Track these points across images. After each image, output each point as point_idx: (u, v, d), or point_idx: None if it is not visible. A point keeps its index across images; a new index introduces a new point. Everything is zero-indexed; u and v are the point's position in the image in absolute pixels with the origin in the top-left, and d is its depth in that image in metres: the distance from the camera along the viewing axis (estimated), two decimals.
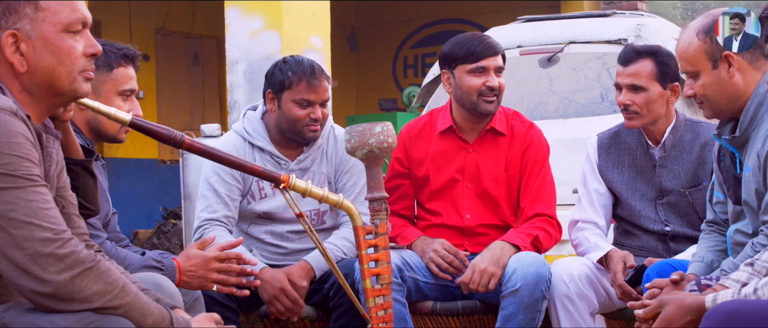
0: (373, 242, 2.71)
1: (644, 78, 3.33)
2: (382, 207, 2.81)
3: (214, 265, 2.84)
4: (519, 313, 3.18)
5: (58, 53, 2.04)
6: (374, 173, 2.84)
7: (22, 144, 1.90)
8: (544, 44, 5.56)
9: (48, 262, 1.87)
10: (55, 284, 1.87)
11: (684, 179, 3.39)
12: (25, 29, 2.01)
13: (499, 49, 3.47)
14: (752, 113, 2.69)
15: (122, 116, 2.30)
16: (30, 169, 1.90)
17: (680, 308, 2.37)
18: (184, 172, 7.24)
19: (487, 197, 3.50)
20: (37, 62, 2.02)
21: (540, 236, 3.38)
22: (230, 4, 6.79)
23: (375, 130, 2.84)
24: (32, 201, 1.88)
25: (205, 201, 3.40)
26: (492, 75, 3.41)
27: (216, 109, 11.42)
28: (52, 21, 2.03)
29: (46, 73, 2.04)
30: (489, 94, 3.41)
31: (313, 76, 3.34)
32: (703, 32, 2.71)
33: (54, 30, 2.03)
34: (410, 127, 3.63)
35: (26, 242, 1.86)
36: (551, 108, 5.28)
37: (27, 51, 2.02)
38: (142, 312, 1.97)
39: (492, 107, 3.43)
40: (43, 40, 2.02)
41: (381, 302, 2.74)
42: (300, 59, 3.40)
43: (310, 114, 3.36)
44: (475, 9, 12.00)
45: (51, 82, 2.05)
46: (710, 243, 2.94)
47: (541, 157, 3.51)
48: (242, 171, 2.56)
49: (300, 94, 3.34)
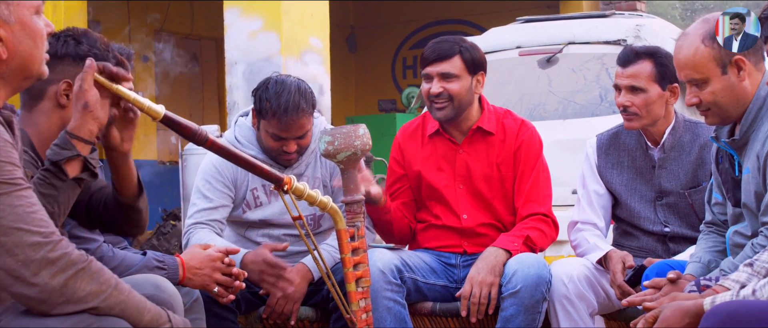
0: (354, 244, 2.71)
1: (643, 79, 3.33)
2: (361, 210, 2.81)
3: (219, 265, 2.84)
4: (519, 314, 3.18)
5: (34, 36, 2.01)
6: (352, 176, 2.85)
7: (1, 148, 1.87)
8: (543, 45, 5.57)
9: (40, 267, 1.84)
10: (49, 288, 1.85)
11: (683, 179, 3.39)
12: (2, 15, 1.97)
13: (448, 54, 3.38)
14: (753, 116, 2.68)
15: (156, 109, 2.25)
16: (12, 172, 1.86)
17: (678, 311, 2.36)
18: (183, 173, 7.25)
19: (480, 197, 3.49)
20: (17, 47, 1.99)
21: (532, 235, 3.37)
22: (229, 5, 6.79)
23: (359, 132, 2.84)
24: (18, 206, 1.84)
25: (194, 207, 3.41)
26: (434, 82, 3.38)
27: (215, 110, 11.42)
28: (26, 4, 2.00)
29: (24, 58, 2.00)
30: (435, 99, 3.38)
31: (285, 115, 3.25)
32: (709, 38, 2.67)
33: (28, 13, 2.00)
34: (405, 128, 3.64)
35: (16, 248, 1.83)
36: (550, 109, 5.29)
37: (6, 36, 1.97)
38: (138, 310, 1.95)
39: (441, 114, 3.39)
40: (21, 24, 1.99)
41: (363, 305, 2.75)
42: (282, 89, 3.28)
43: (282, 146, 3.34)
44: (474, 10, 12.00)
45: (27, 65, 2.02)
46: (709, 244, 2.94)
47: (534, 154, 3.49)
48: (251, 171, 2.51)
49: (272, 128, 3.31)
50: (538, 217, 3.42)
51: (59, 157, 2.16)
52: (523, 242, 3.33)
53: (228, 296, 2.84)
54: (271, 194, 3.45)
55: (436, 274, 3.45)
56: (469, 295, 3.22)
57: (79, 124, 2.17)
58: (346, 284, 2.73)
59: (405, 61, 12.88)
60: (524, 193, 3.45)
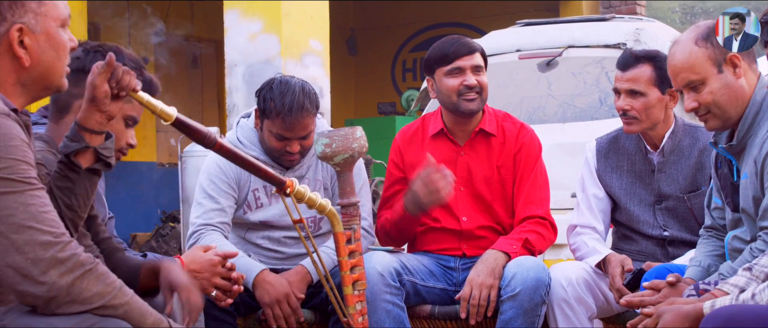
0: (351, 247, 2.71)
1: (643, 83, 3.33)
2: (357, 212, 2.81)
3: (219, 270, 2.84)
4: (518, 317, 3.18)
5: (58, 48, 2.06)
6: (348, 178, 2.85)
7: (18, 147, 1.90)
8: (543, 48, 5.57)
9: (49, 266, 1.86)
10: (57, 288, 1.86)
11: (682, 183, 3.39)
12: (30, 24, 2.02)
13: (476, 48, 3.46)
14: (750, 121, 2.69)
15: (169, 112, 2.26)
16: (27, 172, 1.90)
17: (678, 315, 2.37)
18: (182, 175, 7.25)
19: (481, 199, 3.50)
20: (40, 57, 2.04)
21: (530, 238, 3.37)
22: (229, 7, 6.79)
23: (356, 135, 2.85)
24: (31, 205, 1.87)
25: (201, 208, 3.40)
26: (468, 74, 3.41)
27: (215, 112, 11.42)
28: (53, 16, 2.05)
29: (46, 68, 2.05)
30: (468, 92, 3.40)
31: (290, 114, 3.26)
32: (701, 39, 2.70)
33: (55, 25, 2.06)
34: (404, 131, 3.64)
35: (26, 246, 1.85)
36: (550, 112, 5.29)
37: (31, 45, 2.02)
38: (141, 313, 1.97)
39: (474, 106, 3.42)
40: (46, 35, 2.04)
41: (360, 308, 2.75)
42: (287, 89, 3.29)
43: (285, 147, 3.34)
44: (474, 13, 12.01)
45: (47, 76, 2.06)
46: (708, 248, 2.94)
47: (533, 157, 3.50)
48: (255, 174, 2.51)
49: (276, 128, 3.31)
50: (536, 220, 3.43)
51: (69, 150, 2.21)
52: (522, 245, 3.34)
53: (226, 300, 2.84)
54: (271, 195, 3.45)
55: (434, 277, 3.45)
56: (468, 297, 3.22)
57: (86, 116, 2.22)
58: (343, 288, 2.73)
59: (405, 63, 12.88)
60: (523, 195, 3.45)
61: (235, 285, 2.86)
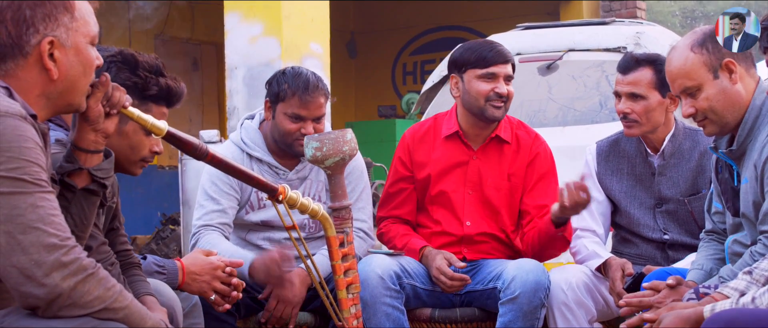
0: (344, 251, 2.71)
1: (643, 86, 3.34)
2: (349, 216, 2.81)
3: (219, 274, 2.84)
4: (517, 320, 3.18)
5: (85, 64, 2.07)
6: (339, 182, 2.84)
7: (31, 148, 1.90)
8: (543, 52, 5.57)
9: (52, 268, 1.86)
10: (58, 290, 1.86)
11: (683, 187, 3.39)
12: (61, 37, 2.02)
13: (510, 58, 3.49)
14: (750, 125, 2.69)
15: (160, 126, 2.25)
16: (39, 174, 1.90)
17: (678, 318, 2.37)
18: (182, 177, 7.23)
19: (488, 205, 3.50)
20: (68, 71, 2.04)
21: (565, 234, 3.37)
22: (230, 10, 6.79)
23: (347, 138, 2.84)
24: (40, 207, 1.87)
25: (202, 209, 3.41)
26: (501, 82, 3.42)
27: (215, 114, 11.42)
28: (84, 32, 2.06)
29: (71, 83, 2.06)
30: (497, 100, 3.41)
31: (306, 91, 3.31)
32: (697, 45, 2.71)
33: (84, 41, 2.07)
34: (414, 130, 3.63)
35: (32, 247, 1.85)
36: (550, 116, 5.29)
37: (60, 59, 2.03)
38: (141, 316, 1.98)
39: (499, 113, 3.44)
40: (76, 50, 2.05)
41: (354, 311, 2.75)
42: (299, 72, 3.37)
43: (300, 129, 3.34)
44: (474, 16, 12.01)
45: (71, 91, 2.07)
46: (709, 252, 2.94)
47: (547, 168, 3.53)
48: (247, 183, 2.52)
49: (292, 108, 3.33)
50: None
51: (62, 171, 2.20)
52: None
53: (224, 305, 2.85)
54: None
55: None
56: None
57: (81, 135, 2.20)
58: (337, 291, 2.73)
59: (405, 66, 12.88)
60: (537, 203, 3.45)
61: (235, 291, 2.86)
